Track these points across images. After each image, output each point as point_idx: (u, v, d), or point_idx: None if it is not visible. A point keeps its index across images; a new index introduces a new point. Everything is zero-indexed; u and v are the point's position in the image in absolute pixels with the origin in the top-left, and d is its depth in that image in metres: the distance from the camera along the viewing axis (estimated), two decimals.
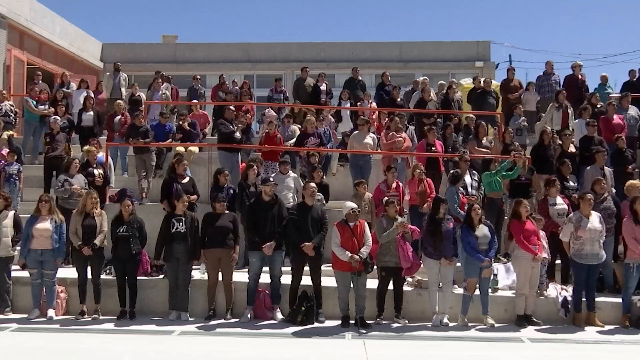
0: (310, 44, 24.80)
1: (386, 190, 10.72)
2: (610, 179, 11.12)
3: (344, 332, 8.80)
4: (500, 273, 10.01)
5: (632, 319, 9.14)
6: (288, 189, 11.01)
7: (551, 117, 13.78)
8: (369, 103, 15.66)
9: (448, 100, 14.67)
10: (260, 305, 9.49)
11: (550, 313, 9.41)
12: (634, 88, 14.79)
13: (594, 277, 9.32)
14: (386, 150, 12.22)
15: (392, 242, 9.16)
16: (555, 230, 9.80)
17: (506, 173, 10.84)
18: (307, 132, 12.66)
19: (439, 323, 9.13)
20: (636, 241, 9.04)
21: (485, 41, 24.85)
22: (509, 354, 7.98)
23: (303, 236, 9.19)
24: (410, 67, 23.69)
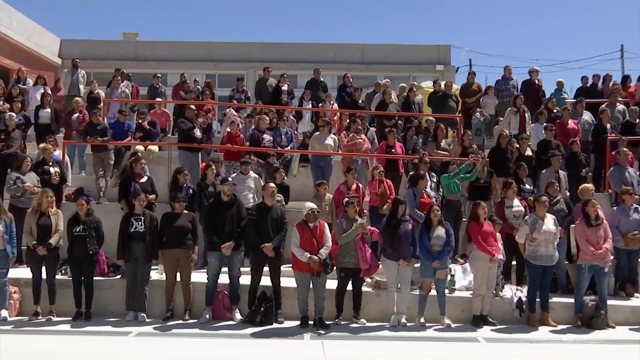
0: (273, 44, 24.74)
1: (346, 191, 10.77)
2: (565, 182, 11.37)
3: (303, 332, 8.81)
4: (457, 274, 10.15)
5: (584, 319, 9.36)
6: (248, 189, 10.97)
7: (509, 121, 14.02)
8: (331, 104, 15.72)
9: (409, 103, 14.80)
10: (219, 306, 9.44)
11: (505, 313, 9.57)
12: (587, 94, 15.17)
13: (548, 278, 9.52)
14: (346, 151, 12.28)
15: (351, 243, 9.21)
16: (511, 232, 9.98)
17: (465, 175, 11.00)
18: (260, 130, 12.65)
19: (397, 323, 9.21)
20: (588, 243, 9.26)
21: (446, 45, 25.14)
22: (464, 354, 8.09)
23: (262, 237, 9.18)
24: (372, 69, 23.82)
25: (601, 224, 9.43)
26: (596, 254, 9.16)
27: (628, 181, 11.12)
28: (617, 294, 10.19)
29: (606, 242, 9.32)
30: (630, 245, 10.04)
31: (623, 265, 10.26)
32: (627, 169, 11.43)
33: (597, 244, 9.24)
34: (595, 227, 9.34)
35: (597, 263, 9.22)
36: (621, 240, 10.01)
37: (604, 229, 9.41)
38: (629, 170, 11.42)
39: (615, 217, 10.12)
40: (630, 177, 11.28)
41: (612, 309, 9.47)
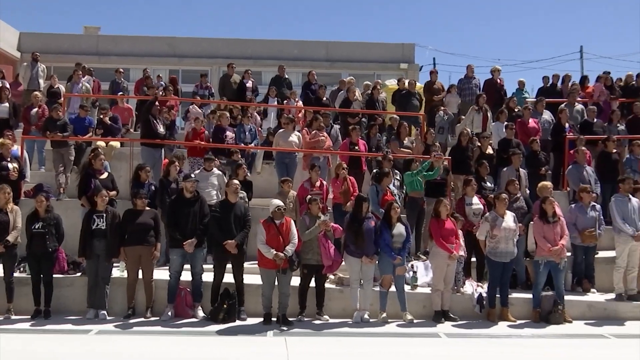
0: (238, 40, 24.61)
1: (310, 188, 10.79)
2: (525, 180, 11.58)
3: (266, 329, 8.81)
4: (419, 270, 10.28)
5: (542, 314, 9.55)
6: (212, 186, 10.92)
7: (472, 119, 14.18)
8: (295, 101, 15.72)
9: (373, 101, 14.88)
10: (181, 303, 9.38)
11: (466, 309, 9.71)
12: (548, 93, 15.46)
13: (508, 274, 9.69)
14: (308, 148, 12.29)
15: (314, 240, 9.24)
16: (471, 229, 10.12)
17: (427, 173, 11.12)
18: (222, 127, 12.59)
19: (359, 320, 9.27)
20: (545, 240, 9.45)
21: (410, 44, 25.34)
22: (426, 349, 8.18)
23: (225, 234, 9.14)
24: (336, 67, 23.88)
25: (558, 221, 9.63)
26: (552, 250, 9.36)
27: (585, 179, 11.36)
28: (574, 289, 10.43)
29: (562, 239, 9.52)
30: (587, 242, 10.27)
31: (580, 261, 10.50)
32: (585, 167, 11.68)
33: (553, 241, 9.43)
34: (553, 224, 9.53)
35: (554, 259, 9.41)
36: (578, 237, 10.24)
37: (560, 226, 9.61)
38: (586, 168, 11.66)
39: (572, 214, 10.34)
40: (588, 175, 11.53)
41: (570, 304, 9.69)
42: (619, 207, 10.05)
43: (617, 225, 10.00)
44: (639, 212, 10.07)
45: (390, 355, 7.84)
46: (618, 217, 9.99)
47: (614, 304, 9.95)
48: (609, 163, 12.03)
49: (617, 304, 9.94)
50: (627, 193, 10.18)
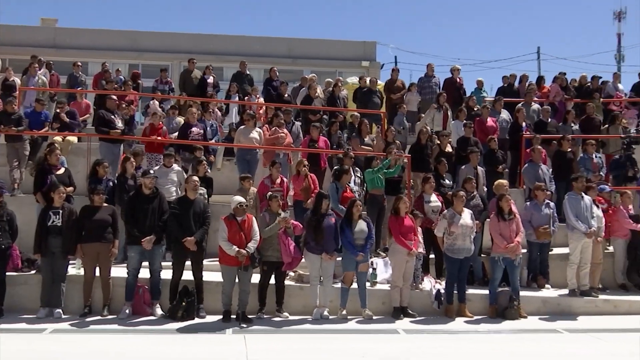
0: (199, 36, 24.37)
1: (270, 185, 10.78)
2: (483, 178, 11.76)
3: (225, 327, 8.77)
4: (379, 267, 10.35)
5: (498, 309, 9.72)
6: (171, 182, 10.82)
7: (432, 117, 14.34)
8: (257, 98, 15.66)
9: (334, 98, 14.93)
10: (140, 301, 9.28)
11: (424, 305, 9.82)
12: (505, 93, 15.72)
13: (465, 270, 9.83)
14: (268, 145, 12.27)
15: (274, 236, 9.23)
16: (430, 226, 10.24)
17: (387, 170, 11.20)
18: (189, 123, 12.50)
19: (319, 316, 9.30)
20: (502, 236, 9.62)
21: (372, 42, 25.46)
22: (384, 345, 8.25)
23: (185, 230, 9.07)
24: (298, 64, 23.84)
25: (514, 218, 9.82)
26: (508, 247, 9.53)
27: (541, 178, 11.59)
28: (530, 285, 10.65)
29: (518, 236, 9.71)
30: (541, 238, 10.49)
31: (535, 257, 10.73)
32: (540, 165, 11.91)
33: (509, 238, 9.61)
34: (509, 221, 9.71)
35: (510, 256, 9.59)
36: (533, 234, 10.45)
37: (516, 223, 9.80)
38: (541, 167, 11.90)
39: (528, 211, 10.55)
40: (543, 173, 11.77)
41: (525, 300, 9.87)
42: (572, 205, 10.28)
43: (571, 223, 10.24)
44: (591, 210, 10.32)
45: (349, 351, 7.88)
46: (571, 214, 10.22)
47: (567, 299, 10.20)
48: (564, 162, 12.31)
49: (570, 300, 10.18)
50: (580, 191, 10.42)
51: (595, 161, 12.50)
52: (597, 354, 7.99)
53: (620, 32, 42.59)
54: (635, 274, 10.79)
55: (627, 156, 12.81)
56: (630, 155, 12.85)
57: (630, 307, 10.26)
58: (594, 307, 10.15)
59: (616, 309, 10.20)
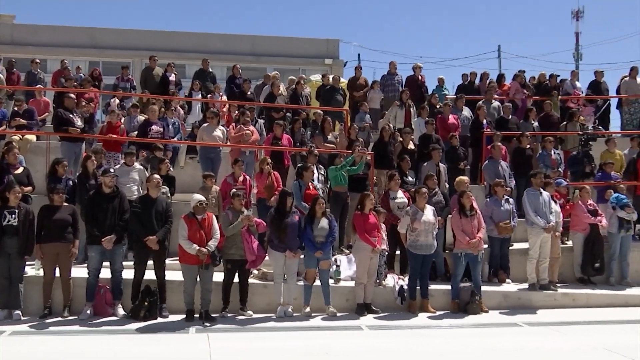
0: (161, 33, 24.18)
1: (233, 183, 10.74)
2: (445, 175, 11.91)
3: (189, 326, 8.71)
4: (343, 264, 10.38)
5: (460, 304, 9.85)
6: (133, 181, 10.69)
7: (394, 115, 14.45)
8: (220, 95, 15.57)
9: (297, 95, 14.93)
10: (101, 301, 9.15)
11: (388, 301, 9.89)
12: (466, 91, 15.91)
13: (428, 266, 9.93)
14: (234, 143, 12.22)
15: (237, 234, 9.20)
16: (395, 222, 10.32)
17: (350, 168, 11.25)
18: (149, 121, 12.37)
19: (283, 314, 9.30)
20: (464, 232, 9.75)
21: (335, 39, 25.58)
22: (348, 341, 8.29)
23: (146, 229, 8.98)
24: (262, 61, 23.82)
25: (475, 214, 9.95)
26: (470, 243, 9.66)
27: (500, 174, 11.76)
28: (491, 280, 10.82)
29: (479, 232, 9.84)
30: (502, 234, 10.65)
31: (496, 253, 10.89)
32: (500, 162, 12.08)
33: (471, 234, 9.74)
34: (470, 217, 9.84)
35: (472, 251, 9.72)
36: (494, 230, 10.61)
37: (478, 219, 9.94)
38: (501, 163, 12.07)
39: (488, 207, 10.70)
40: (503, 170, 11.94)
41: (486, 295, 10.02)
42: (531, 201, 10.47)
43: (530, 218, 10.43)
44: (549, 205, 10.52)
45: (313, 348, 7.90)
46: (530, 210, 10.41)
47: (527, 293, 10.38)
48: (523, 158, 12.51)
49: (530, 294, 10.37)
50: (538, 187, 10.61)
51: (553, 157, 12.73)
52: (557, 347, 8.14)
53: (579, 31, 43.43)
54: (590, 268, 11.03)
55: (585, 152, 13.09)
56: (587, 152, 13.13)
57: (589, 300, 10.50)
58: (553, 300, 10.35)
59: (574, 302, 10.42)
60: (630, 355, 7.59)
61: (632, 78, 15.92)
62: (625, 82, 15.96)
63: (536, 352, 7.87)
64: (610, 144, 13.15)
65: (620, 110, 16.19)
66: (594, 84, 16.52)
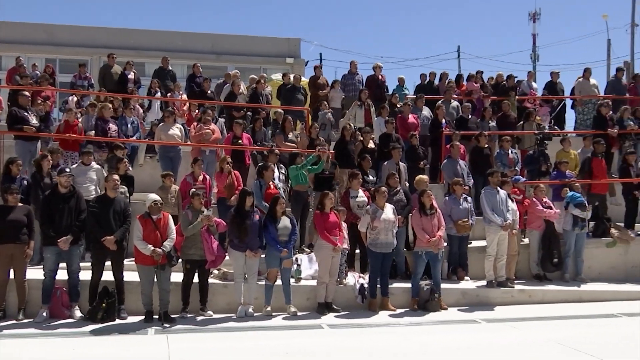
0: (119, 30, 23.80)
1: (193, 182, 10.66)
2: (405, 174, 12.01)
3: (147, 327, 8.62)
4: (304, 263, 10.40)
5: (420, 302, 9.95)
6: (90, 180, 10.54)
7: (354, 114, 14.51)
8: (180, 94, 15.43)
9: (257, 95, 14.87)
10: (57, 304, 8.98)
11: (349, 300, 9.94)
12: (426, 90, 16.07)
13: (388, 264, 10.01)
14: (194, 142, 12.12)
15: (197, 234, 9.13)
16: (356, 221, 10.37)
17: (311, 167, 11.27)
18: (104, 119, 12.18)
19: (244, 314, 9.27)
20: (424, 231, 9.85)
21: (296, 38, 25.53)
22: (308, 340, 8.30)
23: (104, 230, 8.85)
24: (222, 60, 23.65)
25: (435, 212, 10.07)
26: (431, 241, 9.76)
27: (459, 173, 11.92)
28: (450, 278, 10.96)
29: (439, 230, 9.96)
30: (461, 232, 10.80)
31: (455, 251, 11.04)
32: (459, 161, 12.24)
33: (431, 232, 9.85)
34: (430, 216, 9.95)
35: (432, 249, 9.83)
36: (453, 228, 10.76)
37: (437, 218, 10.05)
38: (460, 162, 12.23)
39: (447, 206, 10.84)
40: (461, 169, 12.10)
41: (445, 292, 10.15)
42: (488, 199, 10.64)
43: (487, 216, 10.60)
44: (506, 204, 10.71)
45: (273, 347, 7.88)
46: (488, 208, 10.57)
47: (485, 290, 10.55)
48: (481, 157, 12.69)
49: (488, 291, 10.54)
50: (496, 186, 10.79)
51: (511, 156, 12.95)
52: (513, 343, 8.28)
53: (535, 33, 44.26)
54: (549, 264, 11.27)
55: (541, 152, 13.35)
56: (543, 151, 13.40)
57: (544, 296, 10.72)
58: (510, 297, 10.54)
59: (531, 298, 10.63)
60: (580, 348, 7.78)
61: (586, 79, 16.28)
62: (579, 83, 16.32)
63: (492, 348, 8.00)
64: (565, 144, 13.43)
65: (575, 111, 16.56)
66: (550, 85, 16.84)
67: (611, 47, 37.55)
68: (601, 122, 14.18)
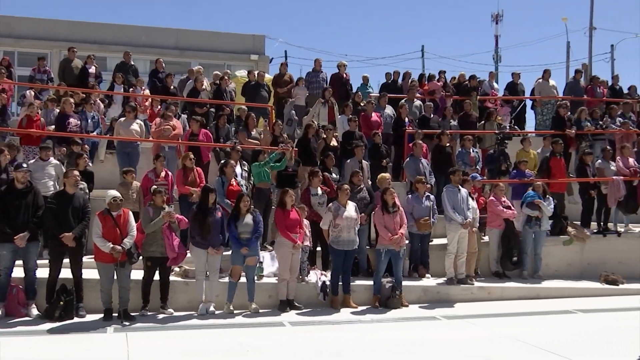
0: (80, 23, 23.44)
1: (154, 179, 10.55)
2: (367, 172, 12.07)
3: (106, 325, 8.51)
4: (266, 261, 10.38)
5: (382, 299, 10.02)
6: (49, 176, 10.35)
7: (318, 111, 14.53)
8: (142, 89, 15.24)
9: (221, 91, 14.78)
10: (13, 302, 8.79)
11: (310, 297, 9.96)
12: (390, 89, 16.17)
13: (350, 262, 10.04)
14: (155, 138, 11.99)
15: (158, 231, 9.04)
16: (316, 218, 10.39)
17: (274, 164, 11.24)
18: (65, 114, 11.98)
19: (205, 312, 9.21)
20: (386, 229, 9.92)
21: (261, 35, 25.49)
22: (270, 338, 8.30)
23: (62, 226, 8.69)
24: (186, 56, 23.47)
25: (398, 210, 10.14)
26: (393, 239, 9.84)
27: (421, 171, 12.04)
28: (411, 275, 11.06)
29: (402, 228, 10.04)
30: (422, 230, 10.91)
31: (416, 248, 11.15)
32: (421, 160, 12.36)
33: (393, 230, 9.92)
34: (393, 214, 10.02)
35: (394, 247, 9.90)
36: (415, 226, 10.85)
37: (400, 216, 10.13)
38: (422, 161, 12.35)
39: (409, 204, 10.94)
40: (423, 167, 12.22)
41: (407, 289, 10.24)
42: (449, 197, 10.77)
43: (448, 214, 10.72)
44: (467, 202, 10.85)
45: (234, 345, 7.85)
46: (449, 206, 10.70)
47: (445, 287, 10.68)
48: (443, 156, 12.83)
49: (448, 288, 10.67)
50: (457, 184, 10.93)
51: (472, 155, 13.12)
52: (472, 339, 8.40)
53: (498, 34, 44.91)
54: (508, 262, 11.45)
55: (501, 151, 13.55)
56: (503, 150, 13.60)
57: (503, 293, 10.90)
58: (470, 294, 10.69)
59: (490, 295, 10.80)
60: (537, 344, 7.93)
61: (545, 80, 16.60)
62: (539, 84, 16.63)
63: (451, 344, 8.10)
64: (525, 143, 13.66)
65: (535, 111, 16.86)
66: (511, 85, 17.12)
67: (570, 50, 38.32)
68: (560, 123, 14.47)
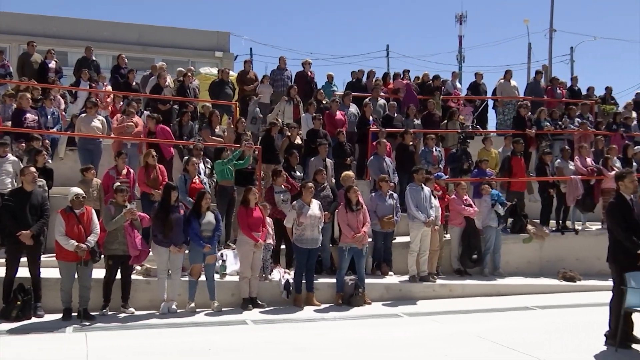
0: (41, 17, 22.92)
1: (116, 176, 10.41)
2: (331, 170, 12.10)
3: (66, 325, 8.37)
4: (229, 259, 10.33)
5: (345, 297, 10.05)
6: (6, 173, 10.19)
7: (283, 109, 14.50)
8: (104, 85, 15.01)
9: (184, 88, 14.65)
10: None
11: (274, 295, 9.94)
12: (354, 88, 16.24)
13: (313, 260, 10.06)
14: (116, 134, 11.83)
15: (120, 229, 8.93)
16: (279, 216, 10.37)
17: (237, 162, 11.19)
18: (22, 109, 11.74)
19: (166, 310, 9.13)
20: (349, 227, 9.95)
21: (225, 32, 25.27)
22: (232, 336, 8.25)
23: (20, 224, 8.52)
24: (149, 52, 23.16)
25: (361, 208, 10.19)
26: (356, 237, 9.88)
27: (385, 170, 12.11)
28: (374, 273, 11.13)
29: (364, 226, 10.09)
30: (385, 228, 10.97)
31: (380, 246, 11.21)
32: (385, 158, 12.43)
33: (357, 228, 9.96)
34: (356, 212, 10.06)
35: (357, 245, 9.94)
36: (378, 224, 10.91)
37: (363, 214, 10.18)
38: (386, 159, 12.42)
39: (373, 202, 10.99)
40: (387, 166, 12.29)
41: (370, 287, 10.30)
42: (413, 196, 10.86)
43: (411, 212, 10.81)
44: (430, 200, 10.96)
45: (196, 344, 7.79)
46: (412, 204, 10.79)
47: (408, 285, 10.77)
48: (406, 154, 12.94)
49: (410, 285, 10.77)
50: (420, 182, 11.02)
51: (435, 154, 13.26)
52: (433, 335, 8.48)
53: (462, 34, 45.42)
54: (468, 260, 11.60)
55: (463, 150, 13.72)
56: (465, 149, 13.77)
57: (464, 290, 11.04)
58: (432, 291, 10.80)
59: (451, 292, 10.93)
60: (496, 340, 8.05)
61: (507, 81, 16.85)
62: (500, 85, 16.88)
63: (413, 341, 8.15)
64: (487, 143, 13.85)
65: (496, 111, 17.10)
66: (474, 85, 17.34)
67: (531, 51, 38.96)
68: (520, 123, 14.71)
